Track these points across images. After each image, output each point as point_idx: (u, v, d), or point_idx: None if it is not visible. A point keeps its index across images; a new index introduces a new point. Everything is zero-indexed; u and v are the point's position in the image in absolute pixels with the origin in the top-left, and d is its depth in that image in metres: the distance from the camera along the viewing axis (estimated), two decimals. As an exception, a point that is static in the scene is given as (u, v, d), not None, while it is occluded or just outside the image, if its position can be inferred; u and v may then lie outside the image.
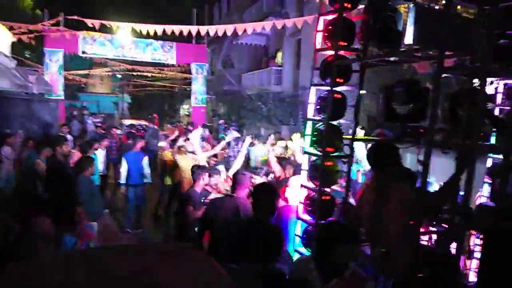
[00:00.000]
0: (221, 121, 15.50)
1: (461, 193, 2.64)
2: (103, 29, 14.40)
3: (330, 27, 3.38)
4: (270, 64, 18.65)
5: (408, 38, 3.48)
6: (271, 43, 20.08)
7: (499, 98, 4.03)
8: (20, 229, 3.76)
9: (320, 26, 3.52)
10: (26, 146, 7.53)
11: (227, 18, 24.53)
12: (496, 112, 3.94)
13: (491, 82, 4.48)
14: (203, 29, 12.85)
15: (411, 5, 3.47)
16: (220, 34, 12.52)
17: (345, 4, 3.31)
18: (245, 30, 12.44)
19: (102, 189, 7.98)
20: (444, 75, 3.40)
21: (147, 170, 7.19)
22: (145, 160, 7.19)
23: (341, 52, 3.42)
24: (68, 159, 6.24)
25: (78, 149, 6.84)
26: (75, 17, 13.50)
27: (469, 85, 3.10)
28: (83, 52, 15.38)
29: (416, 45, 3.55)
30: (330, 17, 3.48)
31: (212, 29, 12.65)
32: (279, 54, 19.26)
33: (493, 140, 3.39)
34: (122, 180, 7.09)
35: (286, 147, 7.46)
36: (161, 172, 7.89)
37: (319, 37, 3.52)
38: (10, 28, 12.55)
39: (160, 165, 8.02)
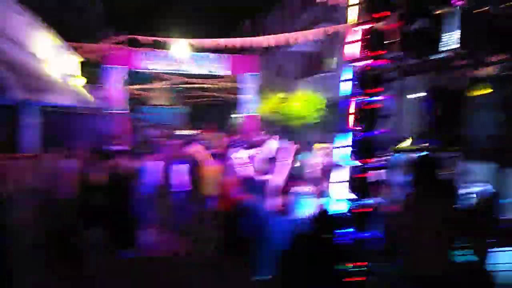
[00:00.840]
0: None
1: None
2: (162, 45, 15.16)
3: (365, 37, 3.34)
4: (324, 70, 18.48)
5: (453, 43, 3.36)
6: (324, 49, 19.88)
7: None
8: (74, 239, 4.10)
9: (356, 36, 3.49)
10: (88, 159, 8.14)
11: (279, 26, 24.70)
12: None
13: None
14: (257, 41, 13.09)
15: (456, 9, 3.35)
16: (272, 44, 12.69)
17: (381, 14, 3.25)
18: (295, 39, 12.50)
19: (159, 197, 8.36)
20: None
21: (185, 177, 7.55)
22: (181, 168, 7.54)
23: (378, 61, 3.37)
24: (124, 171, 6.65)
25: (134, 159, 7.32)
26: (136, 36, 14.39)
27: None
28: (144, 68, 16.30)
29: (462, 49, 3.42)
30: (366, 26, 3.44)
31: (264, 41, 12.84)
32: (333, 60, 19.01)
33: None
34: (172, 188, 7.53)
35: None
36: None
37: (355, 47, 3.49)
38: (79, 48, 13.66)
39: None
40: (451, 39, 3.19)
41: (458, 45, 3.38)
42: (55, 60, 9.68)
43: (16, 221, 4.20)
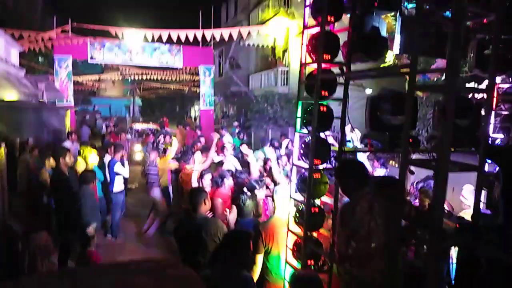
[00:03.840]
0: (236, 123, 15.54)
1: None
2: (111, 35, 14.61)
3: (313, 41, 3.39)
4: (279, 64, 18.63)
5: (395, 48, 3.49)
6: (277, 43, 20.06)
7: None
8: (23, 242, 3.90)
9: (305, 40, 3.54)
10: (31, 154, 7.75)
11: (234, 19, 24.60)
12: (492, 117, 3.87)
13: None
14: (208, 33, 12.96)
15: (398, 15, 3.48)
16: (225, 37, 12.63)
17: (328, 18, 3.31)
18: (249, 33, 12.51)
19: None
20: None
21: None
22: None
23: (326, 65, 3.44)
24: (73, 169, 6.37)
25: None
26: (84, 25, 13.79)
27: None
28: (92, 58, 15.61)
29: (403, 54, 3.57)
30: (314, 30, 3.50)
31: (217, 33, 12.74)
32: (286, 54, 19.22)
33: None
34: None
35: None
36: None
37: (304, 50, 3.54)
38: (20, 37, 12.82)
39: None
40: (397, 43, 3.31)
41: (403, 49, 3.51)
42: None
43: None
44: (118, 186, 7.62)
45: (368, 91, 10.85)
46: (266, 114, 14.72)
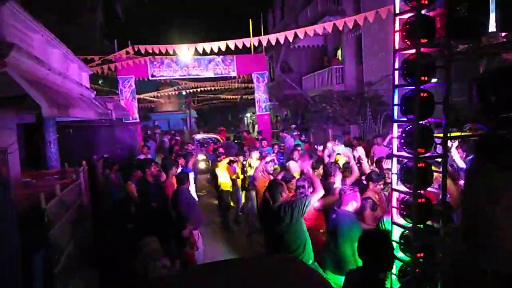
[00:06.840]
0: (293, 126, 15.56)
1: None
2: (167, 52, 15.16)
3: (408, 26, 3.30)
4: (332, 62, 18.40)
5: (491, 26, 3.31)
6: (329, 41, 19.84)
7: None
8: (130, 249, 4.10)
9: (397, 26, 3.45)
10: (111, 170, 8.14)
11: (282, 23, 24.66)
12: None
13: None
14: (264, 39, 13.00)
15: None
16: (281, 41, 12.59)
17: (422, 1, 3.22)
18: (305, 34, 12.42)
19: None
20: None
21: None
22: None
23: (423, 50, 3.32)
24: (157, 180, 6.65)
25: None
26: (143, 46, 14.42)
27: None
28: (152, 76, 16.33)
29: (500, 32, 3.37)
30: (406, 15, 3.40)
31: (272, 38, 12.74)
32: (339, 52, 18.95)
33: None
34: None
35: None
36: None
37: (397, 37, 3.45)
38: (86, 61, 13.69)
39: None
40: (492, 21, 3.14)
41: (500, 26, 3.33)
42: (71, 74, 9.71)
43: (58, 237, 4.17)
44: (193, 194, 7.77)
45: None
46: (325, 114, 14.54)
